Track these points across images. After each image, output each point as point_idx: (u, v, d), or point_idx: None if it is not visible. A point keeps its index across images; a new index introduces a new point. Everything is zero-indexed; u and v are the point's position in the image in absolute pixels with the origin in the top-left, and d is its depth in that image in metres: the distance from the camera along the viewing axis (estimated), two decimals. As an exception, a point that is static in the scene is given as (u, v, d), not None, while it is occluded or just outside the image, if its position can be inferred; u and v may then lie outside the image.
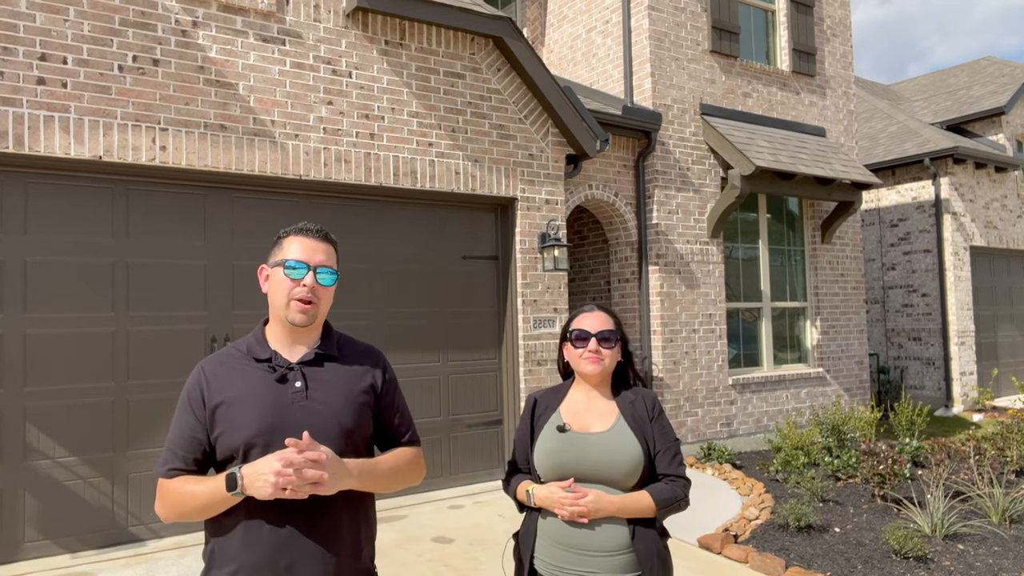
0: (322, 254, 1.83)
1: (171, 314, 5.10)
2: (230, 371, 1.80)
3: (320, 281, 1.81)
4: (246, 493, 1.62)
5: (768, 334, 8.90)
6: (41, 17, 4.56)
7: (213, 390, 1.77)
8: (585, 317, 2.21)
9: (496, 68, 6.47)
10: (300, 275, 1.79)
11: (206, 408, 1.76)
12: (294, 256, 1.80)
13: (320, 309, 1.83)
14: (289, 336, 1.84)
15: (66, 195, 4.80)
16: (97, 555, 4.64)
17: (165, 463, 1.75)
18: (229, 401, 1.75)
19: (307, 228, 1.86)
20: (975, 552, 4.77)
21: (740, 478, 6.74)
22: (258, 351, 1.83)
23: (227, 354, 1.85)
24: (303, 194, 5.66)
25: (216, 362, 1.83)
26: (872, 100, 14.62)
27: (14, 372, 4.59)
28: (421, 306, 6.21)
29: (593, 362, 2.14)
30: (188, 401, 1.79)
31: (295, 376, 1.79)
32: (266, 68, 5.34)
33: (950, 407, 11.74)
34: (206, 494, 1.67)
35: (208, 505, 1.68)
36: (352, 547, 1.79)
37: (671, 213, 8.00)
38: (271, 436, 1.70)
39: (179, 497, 1.70)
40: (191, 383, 1.81)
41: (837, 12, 9.80)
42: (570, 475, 2.08)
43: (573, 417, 2.16)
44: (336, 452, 1.73)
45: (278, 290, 1.81)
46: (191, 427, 1.77)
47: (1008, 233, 12.99)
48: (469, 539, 4.97)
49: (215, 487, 1.66)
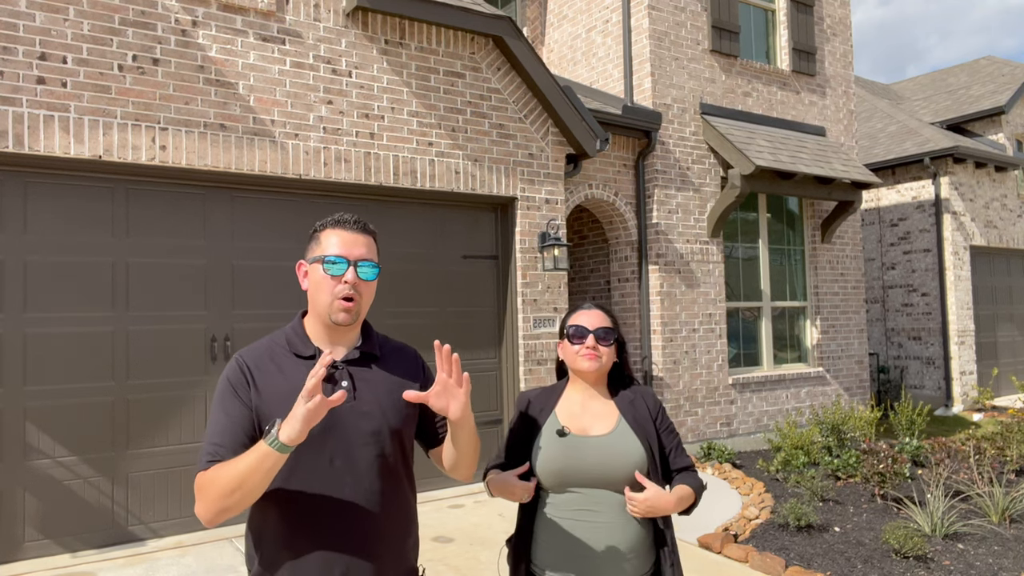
0: (362, 247, 1.73)
1: (171, 314, 5.10)
2: (273, 365, 1.70)
3: (362, 276, 1.71)
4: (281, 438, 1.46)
5: (768, 333, 8.90)
6: (41, 16, 4.56)
7: (258, 382, 1.66)
8: (582, 314, 2.18)
9: (496, 67, 6.47)
10: (341, 271, 1.69)
11: (252, 399, 1.65)
12: (333, 251, 1.70)
13: (362, 306, 1.73)
14: (329, 334, 1.75)
15: (66, 195, 4.80)
16: (97, 554, 4.64)
17: (208, 457, 1.59)
18: (274, 397, 1.64)
19: (344, 219, 1.75)
20: (975, 551, 4.77)
21: (740, 477, 6.74)
22: (300, 347, 1.74)
23: (266, 347, 1.75)
24: (303, 194, 5.66)
25: (256, 354, 1.73)
26: (872, 99, 14.62)
27: (14, 371, 4.58)
28: (421, 305, 6.21)
29: (590, 359, 2.10)
30: (233, 390, 1.66)
31: (342, 376, 1.72)
32: (266, 67, 5.34)
33: (950, 406, 11.74)
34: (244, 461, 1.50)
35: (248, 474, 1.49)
36: (399, 546, 1.75)
37: (671, 212, 8.00)
38: (322, 438, 1.62)
39: (217, 481, 1.53)
40: (232, 373, 1.68)
41: (837, 11, 9.80)
42: (573, 480, 2.04)
43: (571, 419, 2.11)
44: (386, 452, 1.70)
45: (319, 288, 1.71)
46: (240, 415, 1.63)
47: (1008, 232, 12.99)
48: (469, 539, 4.97)
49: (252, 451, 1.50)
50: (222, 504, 1.52)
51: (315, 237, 1.76)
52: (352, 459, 1.67)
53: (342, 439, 1.66)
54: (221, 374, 1.72)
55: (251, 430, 1.63)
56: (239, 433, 1.62)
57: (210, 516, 1.55)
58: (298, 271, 1.80)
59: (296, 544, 1.64)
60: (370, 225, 1.80)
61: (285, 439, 1.46)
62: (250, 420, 1.64)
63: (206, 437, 1.64)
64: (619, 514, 2.03)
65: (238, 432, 1.61)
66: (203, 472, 1.58)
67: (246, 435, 1.62)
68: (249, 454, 1.50)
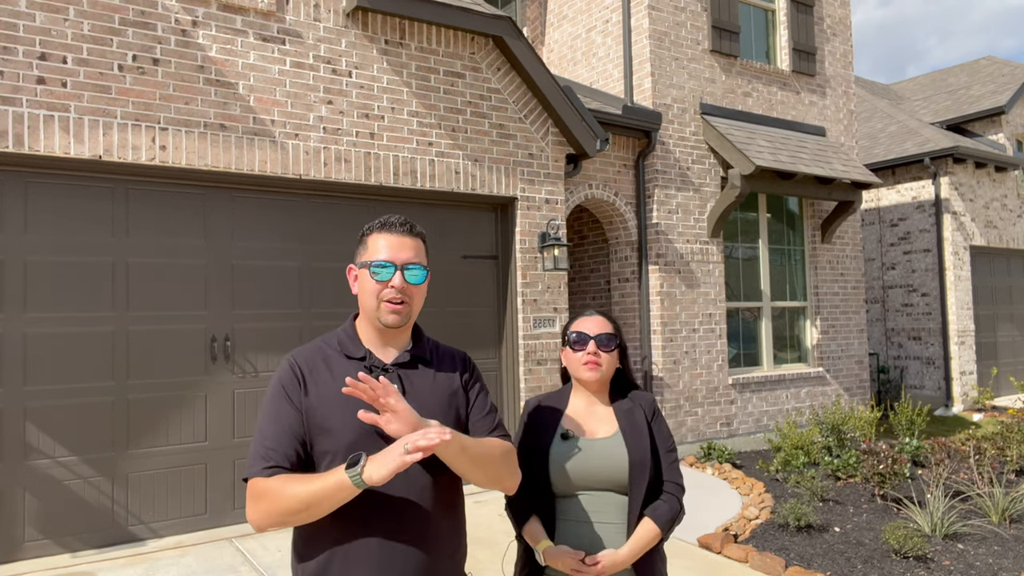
0: (409, 250, 1.73)
1: (171, 313, 5.10)
2: (324, 367, 1.71)
3: (409, 280, 1.72)
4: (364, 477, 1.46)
5: (768, 334, 8.90)
6: (41, 16, 4.56)
7: (309, 384, 1.68)
8: (584, 320, 2.19)
9: (496, 67, 6.47)
10: (387, 276, 1.70)
11: (303, 402, 1.66)
12: (380, 256, 1.71)
13: (412, 308, 1.75)
14: (380, 336, 1.76)
15: (66, 194, 4.80)
16: (97, 554, 4.64)
17: (263, 460, 1.59)
18: (326, 401, 1.66)
19: (391, 223, 1.75)
20: (975, 552, 4.77)
21: (740, 478, 6.74)
22: (351, 349, 1.75)
23: (318, 348, 1.76)
24: (303, 194, 5.66)
25: (309, 356, 1.74)
26: (872, 100, 14.62)
27: (14, 371, 4.58)
28: (421, 305, 6.20)
29: (591, 368, 2.12)
30: (284, 391, 1.67)
31: (392, 378, 1.72)
32: (266, 67, 5.34)
33: (950, 407, 11.74)
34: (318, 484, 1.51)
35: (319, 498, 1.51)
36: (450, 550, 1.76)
37: (671, 213, 8.00)
38: (372, 440, 1.62)
39: (283, 497, 1.53)
40: (284, 374, 1.69)
41: (837, 11, 9.80)
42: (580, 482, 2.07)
43: (577, 423, 2.15)
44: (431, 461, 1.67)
45: (367, 292, 1.73)
46: (291, 419, 1.64)
47: (1008, 232, 12.99)
48: (469, 539, 4.97)
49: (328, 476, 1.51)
50: (285, 519, 1.56)
51: (363, 241, 1.78)
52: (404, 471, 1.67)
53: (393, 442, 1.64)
54: (274, 374, 1.73)
55: (301, 433, 1.64)
56: (290, 437, 1.63)
57: (266, 525, 1.57)
58: (348, 275, 1.82)
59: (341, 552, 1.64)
60: (418, 227, 1.80)
61: (368, 480, 1.46)
62: (300, 422, 1.65)
63: (258, 441, 1.64)
64: (624, 515, 2.07)
65: (289, 436, 1.63)
66: (262, 479, 1.57)
67: (296, 439, 1.63)
68: (326, 479, 1.51)
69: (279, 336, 5.47)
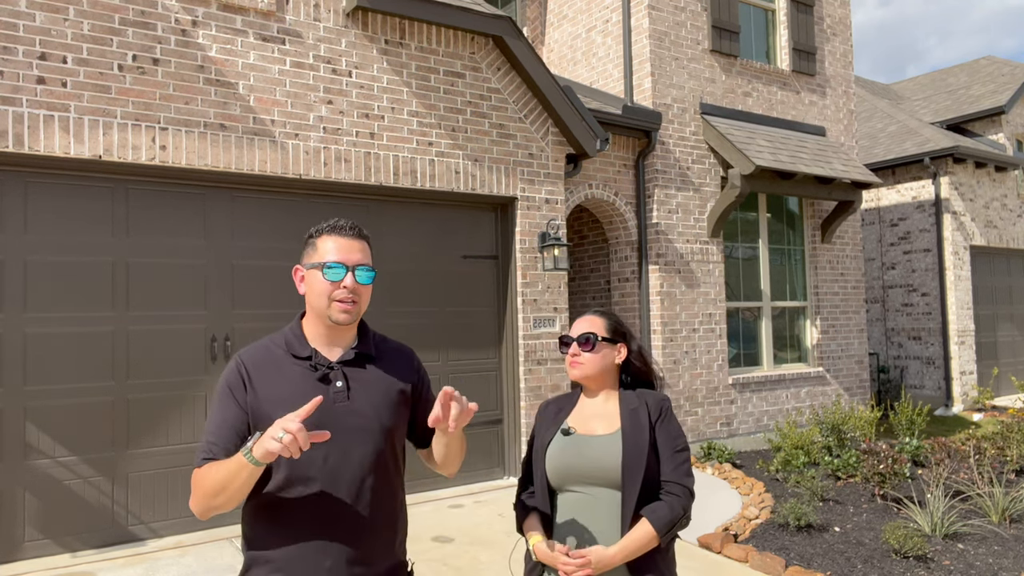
0: (358, 252, 1.81)
1: (171, 313, 5.10)
2: (271, 367, 1.78)
3: (360, 280, 1.79)
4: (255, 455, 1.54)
5: (768, 333, 8.90)
6: (41, 16, 4.55)
7: (255, 383, 1.75)
8: (577, 322, 2.24)
9: (496, 67, 6.47)
10: (339, 276, 1.76)
11: (248, 401, 1.73)
12: (331, 257, 1.77)
13: (361, 307, 1.81)
14: (328, 334, 1.82)
15: (66, 194, 4.80)
16: (97, 554, 4.64)
17: (202, 454, 1.69)
18: (271, 399, 1.72)
19: (340, 226, 1.82)
20: (975, 551, 4.77)
21: (740, 477, 6.74)
22: (298, 348, 1.81)
23: (265, 348, 1.83)
24: (303, 193, 5.66)
25: (255, 355, 1.81)
26: (872, 99, 14.62)
27: (14, 371, 4.58)
28: (421, 305, 6.21)
29: (572, 366, 2.17)
30: (230, 390, 1.75)
31: (336, 376, 1.78)
32: (266, 67, 5.34)
33: (950, 406, 11.74)
34: (224, 468, 1.61)
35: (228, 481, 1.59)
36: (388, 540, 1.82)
37: (671, 212, 8.00)
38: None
39: (204, 482, 1.64)
40: (230, 374, 1.77)
41: (837, 11, 9.80)
42: (572, 477, 2.08)
43: (581, 421, 2.17)
44: (377, 450, 1.77)
45: (317, 292, 1.78)
46: (234, 416, 1.72)
47: (1008, 232, 12.99)
48: (469, 539, 4.97)
49: (231, 459, 1.61)
50: (209, 503, 1.64)
51: (311, 243, 1.83)
52: (345, 457, 1.74)
53: (336, 437, 1.70)
54: (222, 373, 1.80)
55: (244, 431, 1.72)
56: (231, 433, 1.70)
57: (199, 511, 1.68)
58: (294, 275, 1.86)
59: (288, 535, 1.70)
60: (364, 230, 1.88)
61: (259, 456, 1.53)
62: (244, 421, 1.72)
63: (203, 433, 1.73)
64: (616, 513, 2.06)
65: (231, 432, 1.70)
66: (197, 468, 1.68)
67: (238, 435, 1.70)
68: (228, 462, 1.60)
69: (279, 336, 5.46)
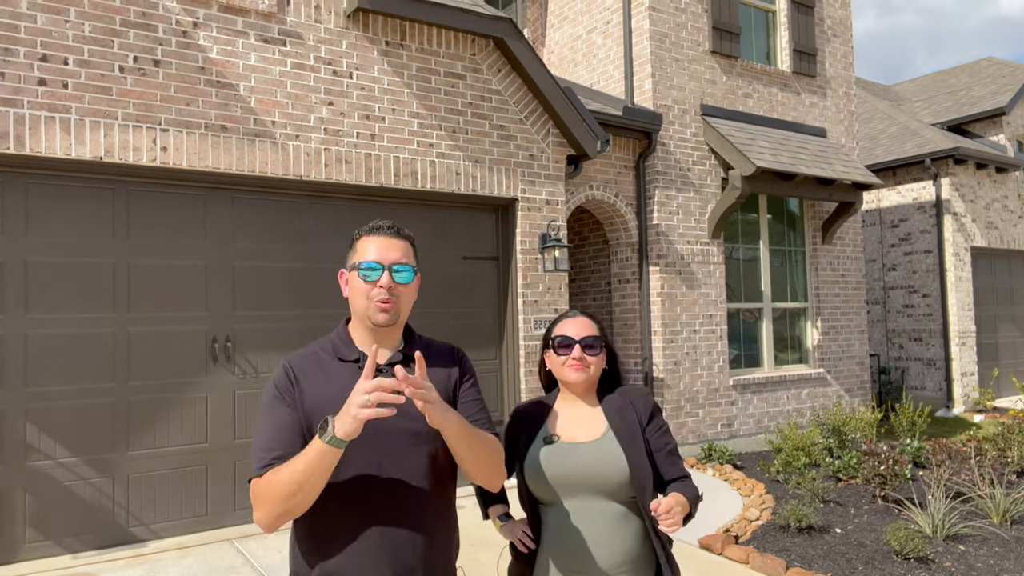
0: (396, 251, 1.80)
1: (172, 315, 5.11)
2: (319, 370, 1.77)
3: (397, 280, 1.77)
4: (338, 435, 1.50)
5: (769, 335, 8.89)
6: (42, 18, 4.56)
7: (304, 387, 1.73)
8: (568, 323, 2.10)
9: (497, 69, 6.47)
10: (375, 277, 1.75)
11: (298, 401, 1.71)
12: (369, 257, 1.77)
13: (401, 307, 1.80)
14: (372, 337, 1.81)
15: (67, 196, 4.80)
16: (98, 555, 4.64)
17: (258, 461, 1.63)
18: (321, 402, 1.70)
19: (378, 226, 1.83)
20: (976, 553, 4.76)
21: (741, 479, 6.74)
22: (344, 351, 1.81)
23: (312, 353, 1.82)
24: (304, 195, 5.67)
25: (303, 360, 1.79)
26: (873, 101, 14.62)
27: (15, 372, 4.59)
28: (422, 306, 6.19)
29: (577, 370, 2.04)
30: (280, 394, 1.72)
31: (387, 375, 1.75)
32: (267, 69, 5.35)
33: (951, 408, 11.73)
34: (303, 458, 1.54)
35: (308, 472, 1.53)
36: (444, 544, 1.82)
37: (672, 214, 7.99)
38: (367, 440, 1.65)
39: (276, 485, 1.56)
40: (279, 379, 1.75)
41: (838, 13, 9.80)
42: (562, 487, 1.99)
43: (561, 428, 2.06)
44: (432, 453, 1.75)
45: (357, 293, 1.78)
46: (289, 419, 1.69)
47: (1009, 234, 12.99)
48: (469, 539, 4.97)
49: (308, 450, 1.54)
50: (284, 507, 1.58)
51: (352, 246, 1.85)
52: (400, 460, 1.73)
53: (390, 441, 1.70)
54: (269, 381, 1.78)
55: (301, 432, 1.68)
56: (289, 436, 1.67)
57: (270, 520, 1.60)
58: (340, 279, 1.88)
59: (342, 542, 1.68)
60: (405, 229, 1.86)
61: (342, 435, 1.50)
62: (298, 422, 1.69)
63: (255, 444, 1.68)
64: (613, 524, 1.97)
65: (288, 435, 1.67)
66: (258, 479, 1.62)
67: (297, 437, 1.67)
68: (305, 454, 1.55)
69: (280, 337, 5.47)
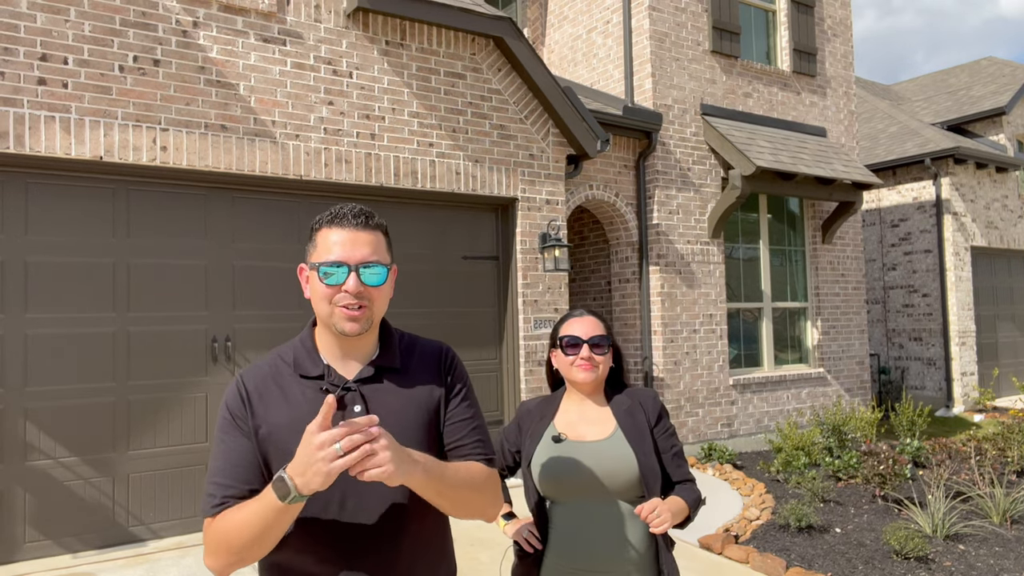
0: (365, 246, 1.45)
1: (172, 314, 5.11)
2: (276, 390, 1.48)
3: (367, 281, 1.44)
4: (304, 492, 1.25)
5: (769, 334, 8.89)
6: (42, 17, 4.56)
7: (257, 410, 1.46)
8: (575, 323, 2.10)
9: (497, 68, 6.47)
10: (340, 279, 1.43)
11: (252, 430, 1.44)
12: (331, 257, 1.44)
13: (373, 312, 1.48)
14: (341, 345, 1.51)
15: (67, 195, 4.80)
16: (98, 555, 4.64)
17: (209, 499, 1.39)
18: (278, 429, 1.43)
19: (342, 214, 1.47)
20: (976, 552, 4.76)
21: (741, 478, 6.74)
22: (308, 366, 1.50)
23: (270, 366, 1.52)
24: (304, 194, 5.66)
25: (258, 377, 1.50)
26: (873, 100, 14.61)
27: (15, 372, 4.59)
28: (422, 306, 6.21)
29: (586, 369, 2.04)
30: (232, 419, 1.45)
31: (353, 399, 1.47)
32: (267, 68, 5.34)
33: (951, 407, 11.73)
34: (259, 513, 1.30)
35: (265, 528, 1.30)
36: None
37: (672, 213, 7.99)
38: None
39: (229, 531, 1.34)
40: (231, 400, 1.48)
41: (838, 12, 9.80)
42: (570, 486, 2.00)
43: (568, 427, 2.07)
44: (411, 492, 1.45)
45: (319, 297, 1.46)
46: (243, 448, 1.43)
47: (1009, 233, 12.99)
48: (469, 539, 4.97)
49: (265, 500, 1.29)
50: (238, 556, 1.35)
51: (312, 237, 1.51)
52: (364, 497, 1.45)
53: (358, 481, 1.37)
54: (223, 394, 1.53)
55: (257, 464, 1.44)
56: (244, 471, 1.42)
57: (221, 568, 1.38)
58: (300, 276, 1.55)
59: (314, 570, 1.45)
60: (375, 217, 1.52)
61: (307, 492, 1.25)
62: (254, 453, 1.44)
63: (209, 475, 1.45)
64: (622, 524, 1.98)
65: (243, 470, 1.42)
66: (209, 519, 1.39)
67: (253, 470, 1.43)
68: (263, 509, 1.30)
69: (280, 337, 5.47)
